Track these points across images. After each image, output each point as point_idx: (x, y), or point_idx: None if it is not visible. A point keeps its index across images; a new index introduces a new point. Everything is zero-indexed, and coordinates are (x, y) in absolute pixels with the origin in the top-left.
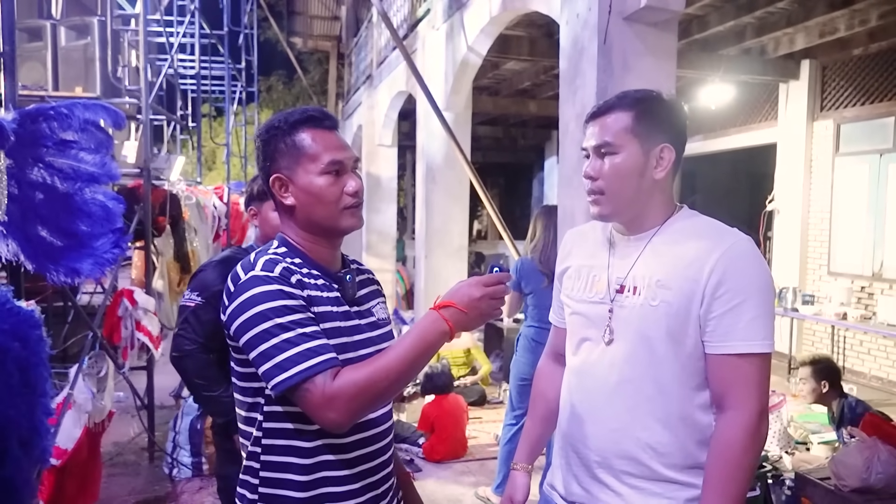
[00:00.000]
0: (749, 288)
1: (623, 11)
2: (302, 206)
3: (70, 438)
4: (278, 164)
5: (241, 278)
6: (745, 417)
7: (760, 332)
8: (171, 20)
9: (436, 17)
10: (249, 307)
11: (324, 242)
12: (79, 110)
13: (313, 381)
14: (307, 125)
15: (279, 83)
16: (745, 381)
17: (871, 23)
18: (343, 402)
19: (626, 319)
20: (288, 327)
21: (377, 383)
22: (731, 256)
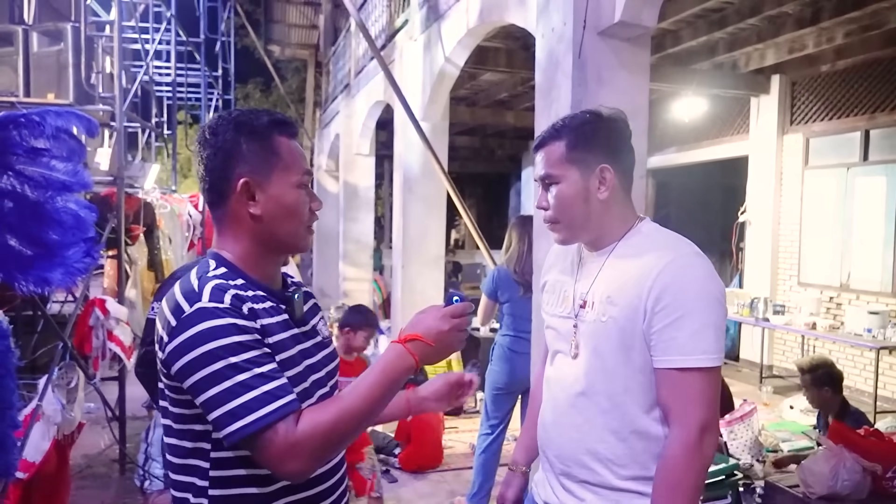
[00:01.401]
0: (689, 302)
1: (597, 26)
2: (270, 218)
3: (38, 451)
4: (247, 167)
5: (184, 311)
6: (684, 434)
7: (701, 346)
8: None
9: (413, 28)
10: (197, 345)
11: (272, 260)
12: (51, 117)
13: (274, 430)
14: (280, 130)
15: (256, 91)
16: (686, 396)
17: (838, 40)
18: (307, 450)
19: (585, 334)
20: (242, 367)
21: (342, 426)
22: (672, 270)
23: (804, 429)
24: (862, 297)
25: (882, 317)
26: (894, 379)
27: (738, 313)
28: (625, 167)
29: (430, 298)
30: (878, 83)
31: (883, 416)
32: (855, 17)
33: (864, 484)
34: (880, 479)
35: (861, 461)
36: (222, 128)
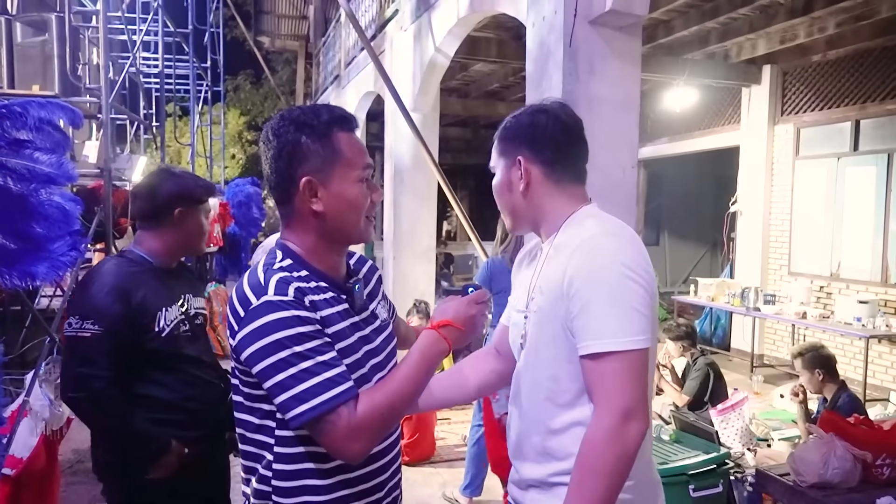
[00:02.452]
0: (595, 284)
1: (588, 15)
2: (332, 213)
3: (26, 447)
4: (309, 165)
5: (251, 303)
6: (602, 419)
7: (611, 329)
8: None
9: (404, 18)
10: (263, 335)
11: (336, 251)
12: (34, 109)
13: (337, 413)
14: (340, 126)
15: (246, 83)
16: (602, 382)
17: (829, 30)
18: (367, 431)
19: (528, 326)
20: (306, 356)
21: (394, 407)
22: (580, 253)
23: (794, 417)
24: (852, 287)
25: (871, 306)
26: (884, 367)
27: (729, 303)
28: (550, 158)
29: (422, 290)
30: (868, 73)
31: (872, 405)
32: (846, 7)
33: (854, 472)
34: (870, 467)
35: (851, 449)
36: (283, 128)
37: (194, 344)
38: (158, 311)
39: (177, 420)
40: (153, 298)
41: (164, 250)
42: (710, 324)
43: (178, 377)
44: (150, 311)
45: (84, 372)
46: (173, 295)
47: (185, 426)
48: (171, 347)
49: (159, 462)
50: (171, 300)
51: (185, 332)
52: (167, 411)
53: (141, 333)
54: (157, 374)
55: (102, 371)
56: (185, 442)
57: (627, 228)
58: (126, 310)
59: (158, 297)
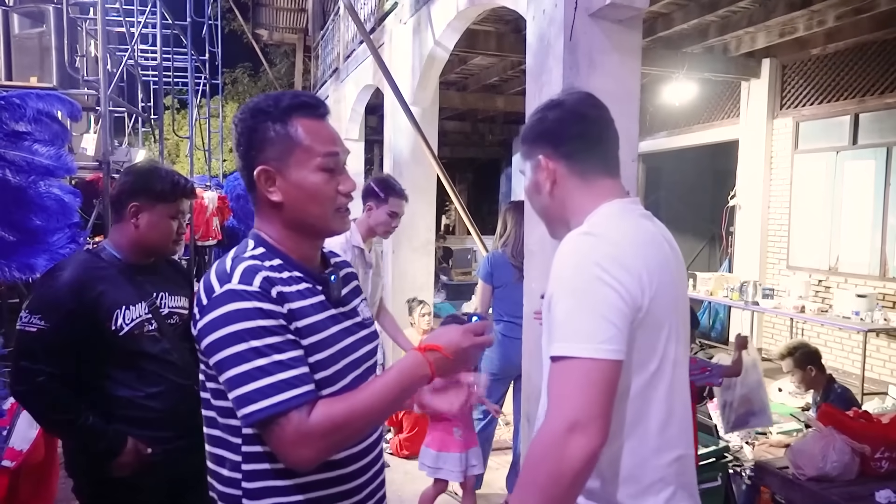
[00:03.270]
0: (559, 286)
1: (589, 8)
2: (291, 203)
3: (25, 440)
4: (265, 154)
5: (214, 290)
6: (545, 428)
7: (569, 334)
8: (131, 9)
9: (403, 11)
10: (222, 325)
11: (308, 242)
12: (32, 101)
13: (287, 417)
14: (301, 112)
15: (244, 76)
16: (556, 388)
17: (829, 24)
18: (316, 440)
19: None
20: (262, 352)
21: (353, 422)
22: (556, 255)
23: (792, 411)
24: (850, 281)
25: (870, 300)
26: (881, 361)
27: (727, 297)
28: (571, 152)
29: (421, 284)
30: (868, 67)
31: (870, 398)
32: (846, 0)
33: (852, 465)
34: (869, 460)
35: (850, 442)
36: (243, 115)
37: (159, 343)
38: (117, 310)
39: (138, 419)
40: (112, 296)
41: (126, 246)
42: (709, 317)
43: (139, 376)
44: (105, 308)
45: (26, 366)
46: (141, 293)
47: (149, 426)
48: (131, 347)
49: (117, 460)
50: (137, 298)
51: (149, 332)
52: (127, 409)
53: (94, 331)
54: (116, 372)
55: (45, 366)
56: (150, 442)
57: (626, 229)
58: (77, 307)
59: (119, 294)
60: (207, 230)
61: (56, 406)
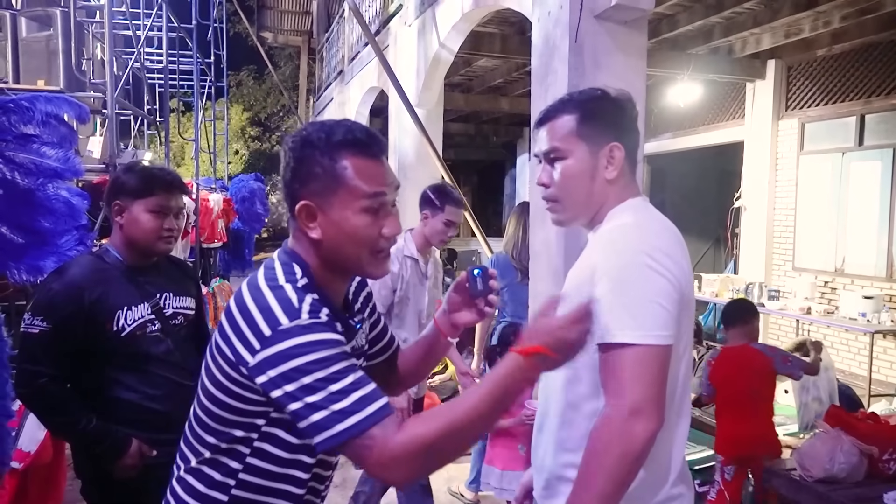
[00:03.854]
0: (615, 273)
1: (594, 9)
2: (329, 242)
3: (33, 441)
4: (309, 188)
5: (280, 323)
6: (612, 412)
7: (627, 321)
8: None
9: (408, 13)
10: (294, 357)
11: (340, 279)
12: (40, 103)
13: (373, 433)
14: (351, 150)
15: (249, 78)
16: (613, 375)
17: (834, 24)
18: (407, 459)
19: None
20: (342, 374)
21: (447, 441)
22: (603, 241)
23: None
24: (856, 282)
25: (876, 301)
26: (888, 363)
27: (733, 298)
28: (631, 147)
29: None
30: (873, 67)
31: (877, 400)
32: (851, 1)
33: (860, 466)
34: (877, 462)
35: (858, 444)
36: (294, 142)
37: (163, 344)
38: (118, 311)
39: (141, 420)
40: (113, 297)
41: (122, 246)
42: (714, 319)
43: (142, 378)
44: (106, 310)
45: (28, 368)
46: (143, 293)
47: (152, 427)
48: (133, 348)
49: (121, 462)
50: (139, 299)
51: (152, 333)
52: (130, 411)
53: (96, 333)
54: (119, 374)
55: (46, 368)
56: (154, 444)
57: (663, 222)
58: (78, 308)
59: (120, 295)
60: (213, 232)
61: (58, 408)
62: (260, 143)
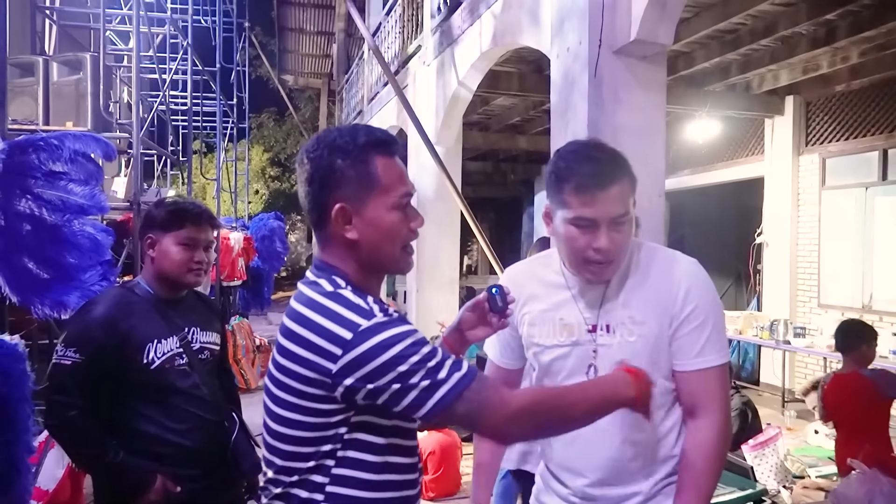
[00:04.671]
0: (708, 305)
1: (613, 45)
2: (366, 241)
3: (52, 479)
4: (343, 191)
5: (359, 325)
6: (717, 423)
7: (719, 345)
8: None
9: (427, 53)
10: (381, 352)
11: (376, 280)
12: (69, 141)
13: (479, 381)
14: (379, 150)
15: (270, 120)
16: (712, 391)
17: (853, 60)
18: (518, 412)
19: (606, 358)
20: (428, 357)
21: (553, 408)
22: (692, 277)
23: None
24: (885, 319)
25: None
26: None
27: (757, 336)
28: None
29: (446, 322)
30: (894, 102)
31: None
32: (870, 37)
33: None
34: None
35: None
36: (317, 151)
37: (190, 378)
38: (148, 343)
39: (166, 455)
40: (143, 330)
41: (152, 279)
42: (738, 357)
43: (168, 412)
44: (137, 342)
45: (59, 400)
46: (172, 327)
47: (177, 463)
48: (161, 381)
49: (145, 498)
50: (168, 332)
51: (180, 366)
52: (154, 445)
53: (126, 365)
54: (145, 407)
55: (77, 400)
56: (178, 479)
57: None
58: (110, 340)
59: (150, 328)
60: (233, 271)
61: (86, 441)
62: (280, 183)
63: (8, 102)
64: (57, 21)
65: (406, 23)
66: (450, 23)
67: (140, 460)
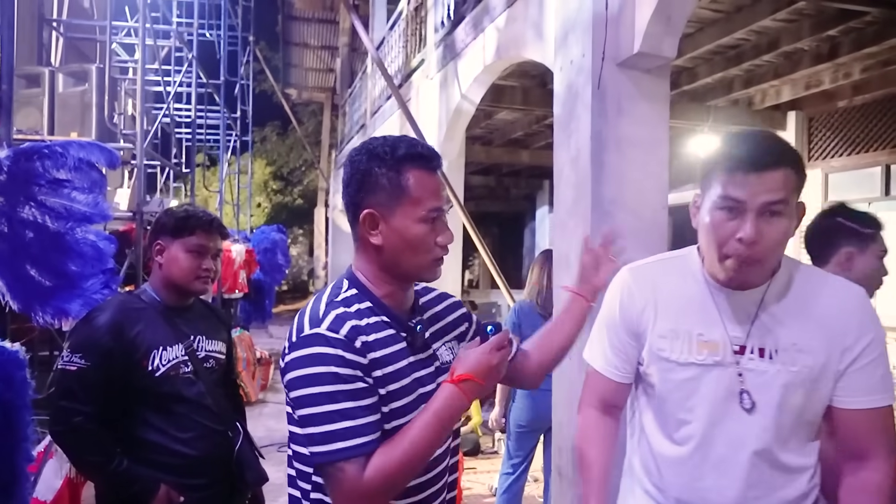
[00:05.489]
0: (882, 340)
1: (617, 57)
2: (391, 249)
3: (50, 489)
4: (375, 198)
5: (303, 331)
6: (884, 466)
7: (890, 383)
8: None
9: (430, 67)
10: (305, 365)
11: (400, 287)
12: (73, 149)
13: (346, 466)
14: (415, 164)
15: (273, 134)
16: (883, 431)
17: (855, 76)
18: (371, 494)
19: (761, 385)
20: (335, 398)
21: (405, 469)
22: (866, 307)
23: None
24: (889, 335)
25: None
26: None
27: None
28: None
29: None
30: None
31: None
32: (873, 53)
33: None
34: None
35: None
36: (359, 155)
37: (195, 386)
38: (154, 350)
39: (170, 464)
40: (150, 336)
41: (160, 286)
42: None
43: (172, 420)
44: (143, 348)
45: (65, 406)
46: (178, 334)
47: (181, 472)
48: (166, 388)
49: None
50: (174, 340)
51: (185, 374)
52: (158, 454)
53: (131, 371)
54: (149, 415)
55: (84, 406)
56: (181, 489)
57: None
58: (116, 346)
59: (157, 335)
60: (234, 283)
61: (92, 448)
62: (282, 197)
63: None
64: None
65: (409, 37)
66: (453, 36)
67: (144, 469)
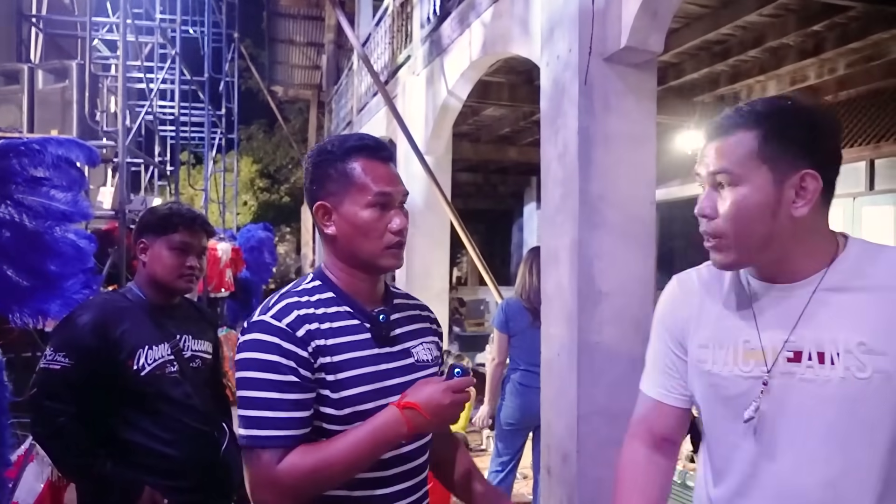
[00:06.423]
0: None
1: (603, 52)
2: (343, 236)
3: (31, 493)
4: (325, 190)
5: (253, 317)
6: None
7: None
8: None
9: (416, 63)
10: (245, 349)
11: (362, 276)
12: (52, 146)
13: (258, 454)
14: (361, 154)
15: (259, 131)
16: None
17: (840, 72)
18: (279, 488)
19: (821, 399)
20: (263, 386)
21: (319, 475)
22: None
23: None
24: None
25: None
26: None
27: None
28: (832, 176)
29: None
30: (881, 113)
31: None
32: (857, 48)
33: None
34: None
35: None
36: (312, 154)
37: (181, 386)
38: (139, 349)
39: (154, 466)
40: (135, 335)
41: (144, 285)
42: None
43: (158, 421)
44: (128, 347)
45: (49, 406)
46: (164, 334)
47: (166, 474)
48: (152, 388)
49: None
50: (160, 339)
51: (171, 374)
52: (143, 456)
53: (116, 371)
54: (134, 416)
55: (68, 406)
56: (166, 491)
57: None
58: (101, 344)
59: (142, 334)
60: (220, 282)
61: (75, 449)
62: (269, 195)
63: None
64: (43, 29)
65: (396, 33)
66: (439, 32)
67: (128, 471)
